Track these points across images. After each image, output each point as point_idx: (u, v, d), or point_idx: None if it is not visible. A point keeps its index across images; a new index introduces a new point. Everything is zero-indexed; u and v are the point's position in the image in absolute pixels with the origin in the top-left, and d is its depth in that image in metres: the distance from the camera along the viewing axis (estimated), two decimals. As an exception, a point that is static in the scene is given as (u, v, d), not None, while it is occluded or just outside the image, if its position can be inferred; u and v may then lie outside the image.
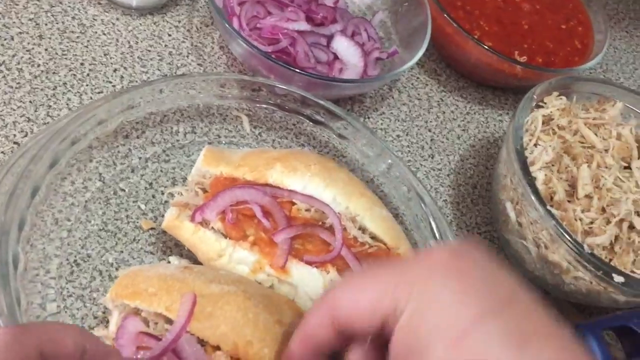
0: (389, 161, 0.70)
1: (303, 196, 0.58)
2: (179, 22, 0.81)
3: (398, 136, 0.83)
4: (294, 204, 0.58)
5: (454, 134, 0.87)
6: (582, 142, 0.71)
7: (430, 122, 0.87)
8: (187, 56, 0.79)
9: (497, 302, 0.31)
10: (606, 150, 0.70)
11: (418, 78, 0.91)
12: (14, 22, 0.73)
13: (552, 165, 0.69)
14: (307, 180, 0.59)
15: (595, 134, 0.71)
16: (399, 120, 0.85)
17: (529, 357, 0.30)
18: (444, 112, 0.89)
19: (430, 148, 0.84)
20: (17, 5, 0.74)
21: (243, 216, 0.57)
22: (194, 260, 0.60)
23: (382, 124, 0.83)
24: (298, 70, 0.70)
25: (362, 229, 0.59)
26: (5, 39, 0.71)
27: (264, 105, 0.72)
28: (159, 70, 0.76)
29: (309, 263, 0.56)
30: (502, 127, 0.91)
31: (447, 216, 0.78)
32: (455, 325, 0.31)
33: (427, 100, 0.89)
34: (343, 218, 0.58)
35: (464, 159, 0.85)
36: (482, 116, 0.91)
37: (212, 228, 0.58)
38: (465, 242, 0.35)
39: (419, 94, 0.89)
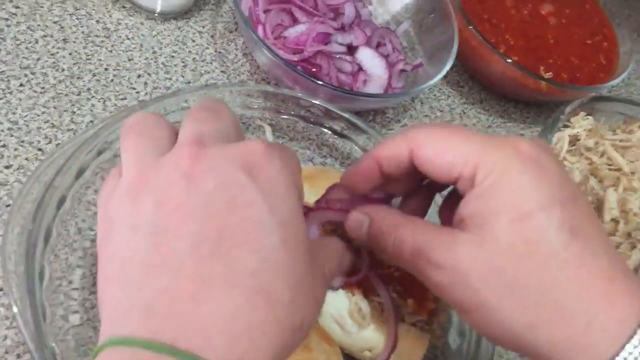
0: (412, 176, 0.69)
1: (330, 216, 0.57)
2: (203, 27, 0.81)
3: (419, 149, 0.82)
4: (320, 224, 0.58)
5: (476, 148, 0.86)
6: (609, 165, 0.70)
7: (452, 135, 0.86)
8: (211, 63, 0.78)
9: (564, 197, 0.36)
10: (633, 174, 0.69)
11: (441, 89, 0.90)
12: (39, 25, 0.72)
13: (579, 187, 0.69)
14: (335, 201, 0.58)
15: (622, 157, 0.70)
16: (420, 133, 0.84)
17: (578, 243, 0.35)
18: (466, 125, 0.88)
19: (452, 162, 0.83)
20: (41, 7, 0.74)
21: (268, 234, 0.57)
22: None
23: (403, 136, 0.83)
24: (323, 84, 0.70)
25: (388, 251, 0.58)
26: (29, 42, 0.70)
27: (287, 116, 0.72)
28: (182, 76, 0.75)
29: (335, 284, 0.55)
30: (524, 141, 0.90)
31: (468, 232, 0.77)
32: (525, 205, 0.35)
33: (449, 112, 0.88)
34: (369, 239, 0.57)
35: (485, 174, 0.84)
36: (504, 129, 0.90)
37: (237, 244, 0.57)
38: (540, 141, 0.39)
39: (441, 106, 0.88)
